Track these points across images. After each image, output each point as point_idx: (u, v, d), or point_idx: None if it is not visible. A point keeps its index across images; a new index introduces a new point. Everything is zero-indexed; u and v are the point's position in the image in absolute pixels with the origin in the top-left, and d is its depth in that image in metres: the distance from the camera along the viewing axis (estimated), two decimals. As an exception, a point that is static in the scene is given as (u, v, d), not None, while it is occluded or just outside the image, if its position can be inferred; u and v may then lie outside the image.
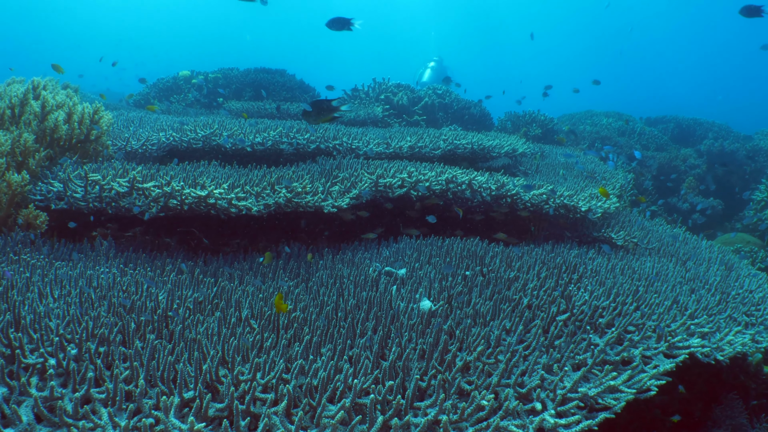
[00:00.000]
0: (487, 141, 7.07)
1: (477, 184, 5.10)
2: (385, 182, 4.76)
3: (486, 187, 5.15)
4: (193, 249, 4.86)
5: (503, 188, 5.22)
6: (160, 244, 4.89)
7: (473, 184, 5.08)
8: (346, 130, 6.74)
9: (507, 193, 5.22)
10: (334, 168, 5.17)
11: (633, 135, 11.91)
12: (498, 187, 5.19)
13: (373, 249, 4.62)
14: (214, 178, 4.42)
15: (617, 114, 13.02)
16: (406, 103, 10.33)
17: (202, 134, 5.87)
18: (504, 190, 5.22)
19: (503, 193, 5.23)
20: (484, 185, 5.14)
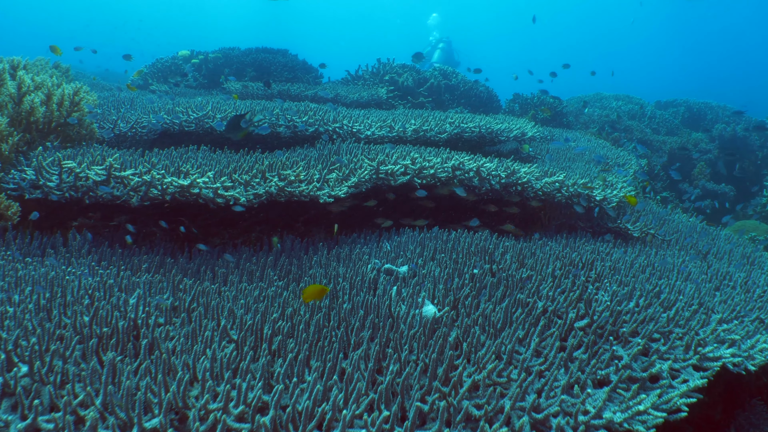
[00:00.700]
0: (495, 124, 6.60)
1: (486, 172, 4.65)
2: (386, 169, 4.32)
3: (495, 174, 4.71)
4: (182, 239, 4.45)
5: (514, 176, 4.77)
6: (146, 234, 4.48)
7: (481, 171, 4.63)
8: (348, 112, 6.28)
9: (517, 181, 4.78)
10: (333, 153, 4.73)
11: (644, 118, 11.38)
12: (508, 174, 4.75)
13: (372, 242, 4.19)
14: (200, 165, 3.99)
15: (627, 97, 12.47)
16: (411, 84, 9.83)
17: (195, 116, 5.42)
18: (514, 178, 4.77)
19: (513, 181, 4.78)
20: (493, 173, 4.69)
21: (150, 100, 6.29)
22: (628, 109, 11.60)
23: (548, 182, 4.94)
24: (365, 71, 9.93)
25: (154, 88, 8.56)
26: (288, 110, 5.65)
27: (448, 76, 10.74)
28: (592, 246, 4.50)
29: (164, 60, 9.40)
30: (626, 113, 11.46)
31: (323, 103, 8.07)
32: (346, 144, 5.07)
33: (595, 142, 8.41)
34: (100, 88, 8.13)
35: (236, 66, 9.31)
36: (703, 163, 10.87)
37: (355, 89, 8.83)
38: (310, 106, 5.94)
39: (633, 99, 12.45)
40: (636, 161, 7.52)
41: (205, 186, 3.58)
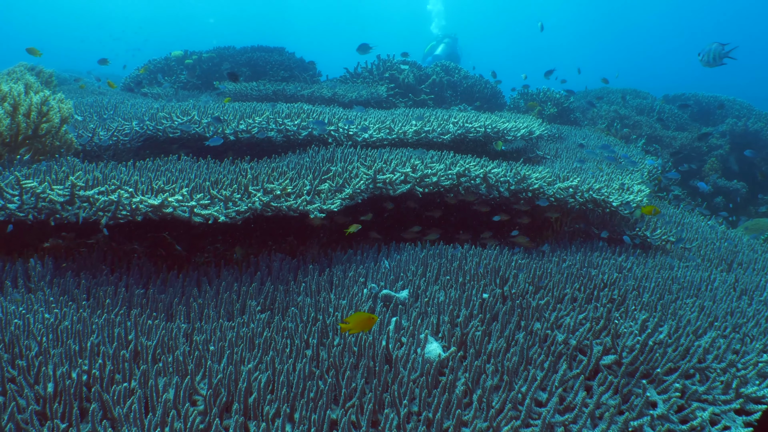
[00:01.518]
0: (501, 123, 6.12)
1: (494, 178, 4.19)
2: (384, 178, 3.87)
3: (504, 180, 4.24)
4: (163, 258, 4.00)
5: (524, 182, 4.30)
6: (126, 252, 4.04)
7: (489, 177, 4.17)
8: (344, 113, 5.82)
9: (528, 187, 4.31)
10: (326, 160, 4.27)
11: (652, 113, 10.86)
12: (518, 180, 4.28)
13: (369, 260, 3.74)
14: (176, 179, 3.54)
15: (634, 91, 11.95)
16: (412, 81, 9.35)
17: (179, 122, 4.98)
18: (525, 185, 4.31)
19: (524, 187, 4.32)
20: (502, 179, 4.23)
21: (134, 104, 5.85)
22: (636, 104, 11.09)
23: (561, 188, 4.48)
24: (365, 68, 9.46)
25: (146, 90, 8.11)
26: (279, 113, 5.19)
27: (451, 72, 10.26)
28: (612, 260, 4.04)
29: (157, 61, 8.95)
30: (634, 108, 10.95)
31: (320, 102, 7.61)
32: (342, 149, 4.61)
33: (606, 139, 7.92)
34: (89, 92, 7.70)
35: (231, 65, 8.85)
36: (714, 159, 10.37)
37: (354, 87, 8.36)
38: (303, 108, 5.48)
39: (640, 93, 11.92)
40: (649, 160, 7.04)
41: (179, 204, 3.14)
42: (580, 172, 5.69)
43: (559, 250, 4.28)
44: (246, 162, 4.44)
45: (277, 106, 5.60)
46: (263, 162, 4.33)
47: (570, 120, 9.37)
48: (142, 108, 5.59)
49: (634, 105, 11.09)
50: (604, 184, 4.87)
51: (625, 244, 4.96)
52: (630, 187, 5.13)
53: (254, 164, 4.22)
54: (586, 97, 11.71)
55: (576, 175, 5.13)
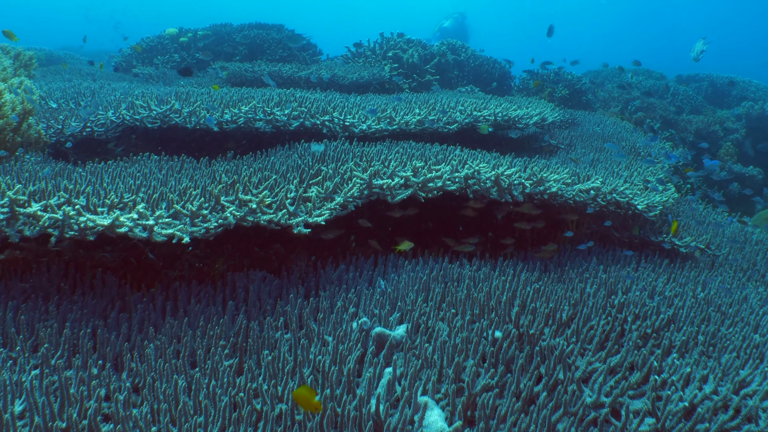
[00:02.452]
0: (512, 110, 5.48)
1: (506, 181, 3.58)
2: (381, 184, 3.27)
3: (518, 183, 3.64)
4: (134, 269, 3.44)
5: (541, 185, 3.70)
6: (94, 263, 3.48)
7: (501, 181, 3.57)
8: (341, 99, 5.19)
9: (546, 190, 3.71)
10: (316, 159, 3.67)
11: (666, 95, 10.14)
12: (534, 183, 3.68)
13: (363, 281, 3.17)
14: (140, 188, 2.96)
15: (647, 71, 11.19)
16: (416, 61, 8.65)
17: (157, 111, 4.37)
18: (542, 188, 3.71)
19: (540, 191, 3.72)
20: (516, 181, 3.62)
21: (115, 89, 5.24)
22: (650, 85, 10.35)
23: (582, 190, 3.87)
24: (366, 47, 8.76)
25: (137, 70, 7.47)
26: (269, 101, 4.57)
27: (457, 50, 9.54)
28: (642, 281, 3.45)
29: (150, 39, 8.28)
30: (647, 89, 10.22)
31: (318, 85, 6.96)
32: (335, 145, 4.00)
33: (621, 125, 7.26)
34: (76, 74, 7.06)
35: (227, 44, 8.18)
36: (729, 143, 9.68)
37: (355, 68, 7.69)
38: (295, 95, 4.85)
39: (653, 74, 11.16)
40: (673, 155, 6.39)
41: (134, 224, 2.56)
42: (596, 164, 5.08)
43: (579, 265, 3.69)
44: (225, 161, 3.85)
45: (267, 92, 4.97)
46: (245, 161, 3.74)
47: (582, 102, 8.68)
48: (123, 94, 4.97)
49: (647, 86, 10.36)
50: (627, 184, 4.26)
51: (648, 248, 4.37)
52: (655, 186, 4.51)
53: (234, 163, 3.62)
54: (596, 79, 10.97)
55: (594, 172, 4.52)
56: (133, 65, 8.02)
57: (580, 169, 4.59)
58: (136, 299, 2.91)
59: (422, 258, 3.47)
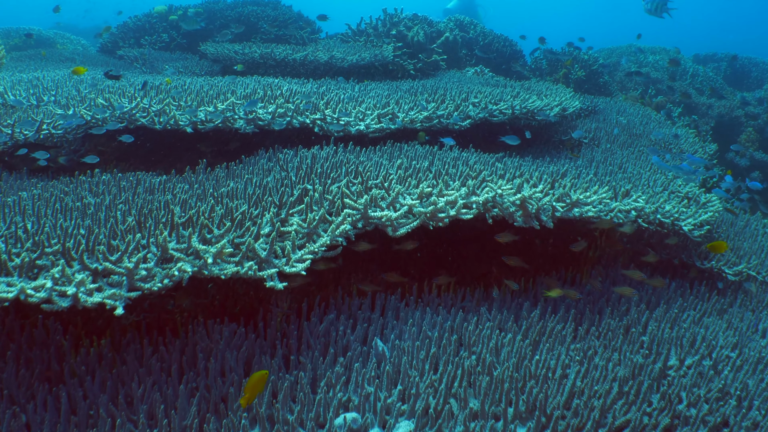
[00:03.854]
0: (531, 102, 4.63)
1: (534, 206, 2.77)
2: (380, 216, 2.46)
3: (547, 207, 2.83)
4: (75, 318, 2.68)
5: (576, 208, 2.89)
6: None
7: (528, 205, 2.75)
8: (336, 91, 4.33)
9: (582, 215, 2.90)
10: (302, 176, 2.85)
11: (685, 77, 9.17)
12: (568, 206, 2.86)
13: (357, 337, 2.40)
14: (66, 235, 2.16)
15: (663, 50, 10.17)
16: (422, 39, 7.71)
17: (122, 111, 3.54)
18: (577, 211, 2.89)
19: (574, 216, 2.90)
20: (545, 206, 2.81)
21: (81, 80, 4.39)
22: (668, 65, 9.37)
23: (622, 210, 3.06)
24: (368, 24, 7.80)
25: (122, 53, 6.59)
26: (251, 95, 3.73)
27: (466, 28, 8.58)
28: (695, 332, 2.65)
29: (137, 18, 7.36)
30: (665, 70, 9.25)
31: (315, 68, 6.08)
32: (326, 154, 3.18)
33: (645, 113, 6.37)
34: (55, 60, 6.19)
35: (220, 22, 7.27)
36: (750, 129, 8.76)
37: (355, 48, 6.77)
38: (282, 88, 3.99)
39: (670, 52, 10.14)
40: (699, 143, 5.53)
41: (48, 294, 1.78)
42: (625, 166, 4.25)
43: (614, 298, 2.90)
44: (191, 177, 3.04)
45: (252, 83, 4.13)
46: (213, 177, 2.92)
47: (599, 85, 7.75)
48: (90, 85, 4.14)
49: (664, 66, 9.39)
50: (671, 201, 3.45)
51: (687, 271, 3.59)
52: (696, 198, 3.69)
53: (199, 181, 2.81)
54: (610, 57, 9.98)
55: (627, 181, 3.69)
56: (119, 46, 7.12)
57: (612, 177, 3.76)
58: (78, 366, 2.16)
59: (429, 300, 2.69)
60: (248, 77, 4.87)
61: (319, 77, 6.20)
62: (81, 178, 2.79)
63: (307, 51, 6.08)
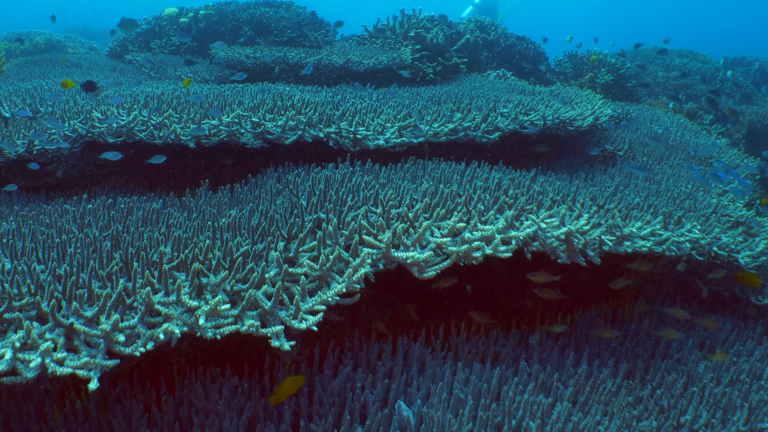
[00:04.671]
0: (564, 111, 4.23)
1: (581, 240, 2.37)
2: (405, 258, 2.08)
3: (593, 240, 2.43)
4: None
5: (627, 241, 2.49)
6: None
7: (573, 239, 2.35)
8: (353, 100, 3.95)
9: (637, 250, 2.50)
10: (315, 203, 2.48)
11: (714, 81, 8.68)
12: (617, 240, 2.46)
13: (374, 398, 2.02)
14: (37, 287, 1.81)
15: (691, 53, 9.65)
16: (441, 41, 7.30)
17: (118, 124, 3.19)
18: (628, 245, 2.49)
19: (624, 250, 2.50)
20: (592, 239, 2.41)
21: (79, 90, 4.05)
22: (696, 69, 8.88)
23: (675, 243, 2.65)
24: (385, 26, 7.41)
25: (130, 57, 6.26)
26: (259, 106, 3.36)
27: (486, 29, 8.16)
28: None
29: (147, 21, 7.04)
30: (695, 73, 8.75)
31: (329, 71, 5.71)
32: (341, 175, 2.79)
33: (680, 122, 5.92)
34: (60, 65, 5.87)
35: (231, 24, 6.92)
36: (785, 132, 8.23)
37: (372, 51, 6.39)
38: (293, 98, 3.62)
39: (698, 56, 9.61)
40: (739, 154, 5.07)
41: (7, 366, 1.43)
42: (665, 179, 3.83)
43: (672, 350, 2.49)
44: (192, 201, 2.68)
45: (260, 92, 3.76)
46: (211, 206, 2.55)
47: (627, 90, 7.30)
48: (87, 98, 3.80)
49: (693, 70, 8.90)
50: (719, 225, 3.02)
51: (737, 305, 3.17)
52: (748, 223, 3.26)
53: (196, 215, 2.44)
54: (635, 60, 9.49)
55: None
56: (128, 50, 6.80)
57: (658, 199, 3.34)
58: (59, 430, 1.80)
59: (457, 343, 2.30)
60: (258, 84, 4.51)
61: (334, 81, 5.83)
62: (66, 207, 2.44)
63: (322, 54, 5.70)
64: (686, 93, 7.73)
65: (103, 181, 3.74)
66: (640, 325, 2.82)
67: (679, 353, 2.59)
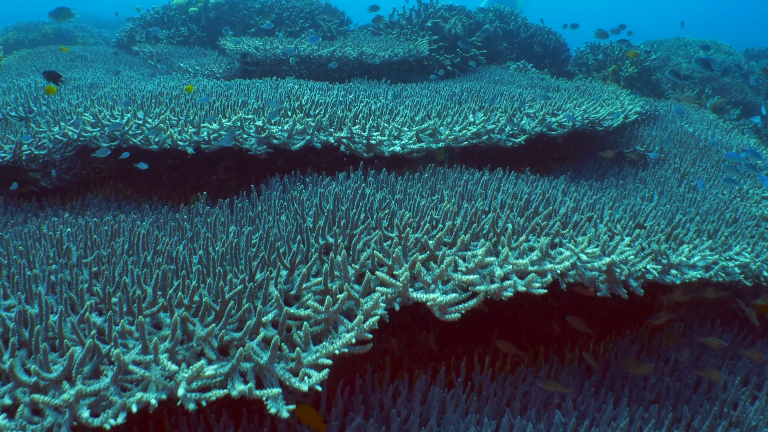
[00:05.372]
0: (594, 111, 3.86)
1: (624, 270, 2.03)
2: (425, 299, 1.75)
3: (638, 270, 2.08)
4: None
5: (674, 270, 2.15)
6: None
7: (616, 270, 2.02)
8: (366, 99, 3.60)
9: (687, 281, 2.16)
10: (322, 226, 2.15)
11: (738, 74, 8.18)
12: (663, 269, 2.13)
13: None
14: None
15: (715, 44, 9.12)
16: (460, 32, 6.89)
17: (111, 127, 2.89)
18: (675, 274, 2.15)
19: (671, 279, 2.16)
20: (636, 269, 2.07)
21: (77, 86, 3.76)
22: (720, 61, 8.38)
23: (725, 270, 2.30)
24: (401, 15, 7.01)
25: (137, 48, 5.94)
26: (263, 108, 3.04)
27: (506, 19, 7.72)
28: None
29: (155, 10, 6.70)
30: (719, 66, 8.26)
31: (343, 64, 5.36)
32: (350, 192, 2.47)
33: (706, 116, 5.51)
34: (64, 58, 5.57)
35: (242, 14, 6.57)
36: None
37: (387, 42, 6.01)
38: (301, 98, 3.28)
39: (722, 47, 9.09)
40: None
41: None
42: (710, 192, 3.46)
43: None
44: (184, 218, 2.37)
45: (267, 89, 3.43)
46: (208, 226, 2.24)
47: (651, 83, 6.86)
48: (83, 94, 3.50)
49: (719, 62, 8.40)
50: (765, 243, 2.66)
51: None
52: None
53: (191, 235, 2.13)
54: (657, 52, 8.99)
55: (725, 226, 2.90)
56: (135, 40, 6.48)
57: (699, 213, 2.98)
58: None
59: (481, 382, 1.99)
60: (266, 80, 4.18)
61: (347, 75, 5.48)
62: (43, 229, 2.14)
63: (335, 47, 5.35)
64: (712, 86, 7.27)
65: (99, 186, 3.45)
66: (678, 357, 2.49)
67: (725, 393, 2.27)
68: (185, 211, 2.47)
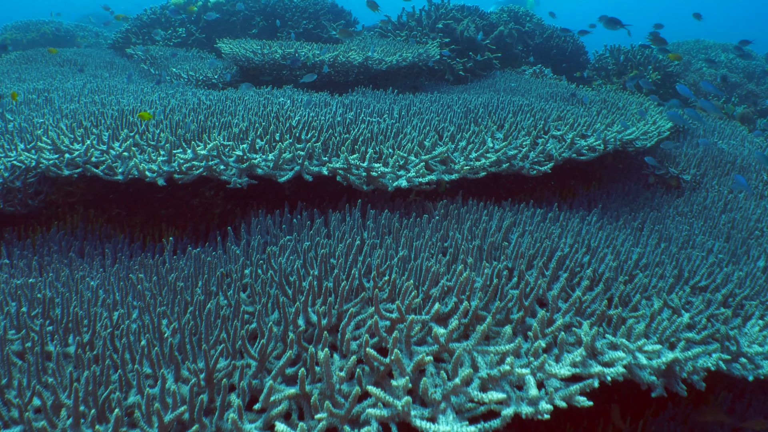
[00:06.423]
0: (627, 131, 3.33)
1: (687, 368, 1.53)
2: (432, 431, 1.27)
3: (702, 368, 1.59)
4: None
5: (740, 359, 1.64)
6: None
7: (676, 365, 1.52)
8: (369, 119, 3.09)
9: (757, 376, 1.66)
10: (304, 303, 1.67)
11: (764, 79, 7.57)
12: (731, 360, 1.62)
13: None
14: None
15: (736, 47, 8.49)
16: (473, 34, 6.33)
17: (71, 156, 2.41)
18: (742, 369, 1.65)
19: (739, 374, 1.66)
20: (701, 367, 1.57)
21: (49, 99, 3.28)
22: (744, 65, 7.76)
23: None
24: (411, 16, 6.47)
25: (130, 51, 5.46)
26: (248, 129, 2.54)
27: (520, 19, 7.16)
28: None
29: (152, 11, 6.19)
30: (742, 71, 7.65)
31: (347, 69, 4.85)
32: (345, 247, 1.97)
33: (738, 131, 4.95)
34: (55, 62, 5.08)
35: (243, 14, 6.05)
36: None
37: (395, 46, 5.48)
38: (293, 120, 2.77)
39: (744, 51, 8.45)
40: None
41: None
42: (756, 232, 2.93)
43: None
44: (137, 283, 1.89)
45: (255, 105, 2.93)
46: (171, 286, 1.76)
47: (674, 90, 6.28)
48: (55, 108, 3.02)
49: (741, 66, 7.79)
50: None
51: None
52: None
53: (150, 299, 1.66)
54: (677, 52, 8.37)
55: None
56: (130, 42, 5.99)
57: (758, 265, 2.45)
58: None
59: None
60: (259, 91, 3.68)
61: (353, 79, 4.97)
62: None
63: (338, 51, 4.83)
64: (738, 93, 6.68)
65: (70, 213, 2.98)
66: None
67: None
68: (149, 263, 1.98)
